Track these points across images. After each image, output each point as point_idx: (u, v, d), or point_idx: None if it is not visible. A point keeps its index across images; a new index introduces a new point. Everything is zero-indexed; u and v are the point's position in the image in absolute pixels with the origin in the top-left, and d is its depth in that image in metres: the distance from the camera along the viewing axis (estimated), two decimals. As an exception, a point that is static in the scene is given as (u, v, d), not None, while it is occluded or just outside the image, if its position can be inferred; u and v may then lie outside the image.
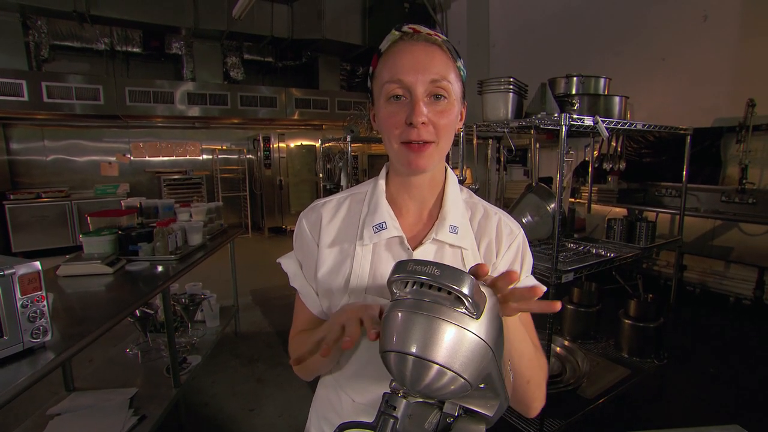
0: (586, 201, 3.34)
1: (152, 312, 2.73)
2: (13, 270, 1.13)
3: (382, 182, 0.75)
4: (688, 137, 2.18)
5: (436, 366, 0.40)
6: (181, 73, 6.58)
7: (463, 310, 0.41)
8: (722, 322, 3.43)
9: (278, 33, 6.40)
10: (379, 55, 0.68)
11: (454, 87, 0.65)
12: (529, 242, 1.96)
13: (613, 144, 2.67)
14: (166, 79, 6.27)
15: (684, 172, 2.18)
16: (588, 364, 1.98)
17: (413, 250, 0.70)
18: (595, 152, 3.16)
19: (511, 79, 1.82)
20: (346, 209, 0.75)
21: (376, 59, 0.68)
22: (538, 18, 5.22)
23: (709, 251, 3.62)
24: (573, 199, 4.08)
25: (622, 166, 2.41)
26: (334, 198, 0.77)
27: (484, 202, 0.78)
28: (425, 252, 0.70)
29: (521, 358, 0.60)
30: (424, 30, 0.65)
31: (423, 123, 0.62)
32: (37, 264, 1.22)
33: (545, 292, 0.78)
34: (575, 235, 2.26)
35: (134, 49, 6.22)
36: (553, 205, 1.83)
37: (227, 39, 6.60)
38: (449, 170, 0.76)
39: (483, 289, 0.43)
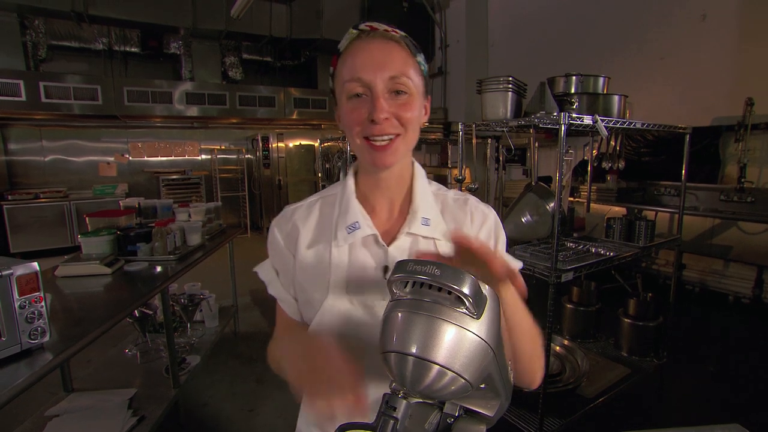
0: (585, 200, 3.34)
1: (151, 312, 2.72)
2: (11, 271, 1.13)
3: (351, 182, 0.75)
4: (687, 136, 2.18)
5: (437, 366, 0.39)
6: (179, 72, 6.56)
7: (464, 310, 0.40)
8: (722, 320, 3.44)
9: (277, 32, 6.38)
10: (338, 55, 0.68)
11: (415, 81, 0.65)
12: (528, 242, 1.95)
13: (612, 143, 2.67)
14: (165, 79, 6.25)
15: (683, 171, 2.18)
16: (588, 363, 1.99)
17: (388, 246, 0.70)
18: (594, 151, 3.16)
19: (510, 79, 1.81)
20: (318, 212, 0.76)
21: (336, 59, 0.68)
22: (537, 17, 5.22)
23: (708, 250, 3.62)
24: (572, 198, 4.08)
25: (621, 165, 2.41)
26: (305, 203, 0.78)
27: (453, 191, 0.80)
28: (400, 246, 0.71)
29: (523, 334, 0.61)
30: (381, 27, 0.66)
31: (386, 118, 0.63)
32: (35, 265, 1.21)
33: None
34: (574, 234, 2.26)
35: (132, 49, 6.20)
36: (552, 205, 1.83)
37: (226, 38, 6.58)
38: (416, 164, 0.77)
39: (483, 289, 0.43)
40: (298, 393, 0.72)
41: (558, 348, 2.15)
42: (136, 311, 2.60)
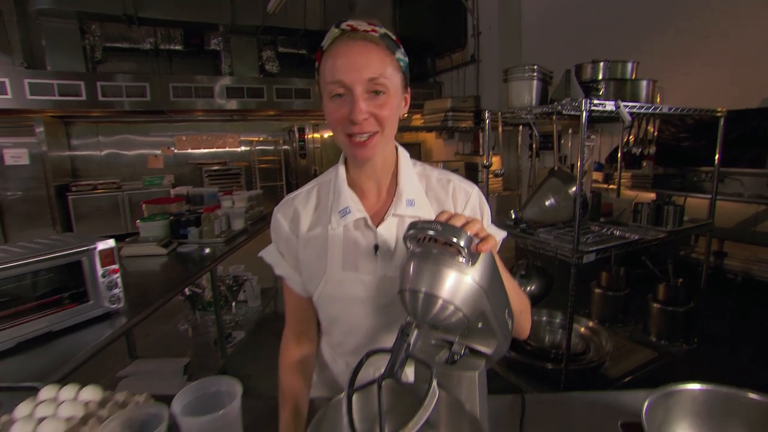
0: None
1: (200, 291, 2.98)
2: (95, 245, 1.34)
3: (342, 169, 0.82)
4: (722, 119, 2.14)
5: (441, 300, 0.52)
6: (219, 68, 6.87)
7: (462, 260, 0.52)
8: (764, 310, 3.32)
9: (311, 26, 6.55)
10: (322, 51, 0.73)
11: (393, 81, 0.71)
12: (553, 225, 2.02)
13: (649, 128, 2.64)
14: (206, 75, 6.55)
15: (716, 156, 2.15)
16: (612, 345, 2.03)
17: (376, 227, 0.78)
18: (631, 137, 3.12)
19: (535, 67, 1.86)
20: (316, 198, 0.84)
21: (320, 55, 0.74)
22: (572, 1, 5.09)
23: (752, 237, 3.49)
24: (605, 185, 4.03)
25: (652, 150, 2.39)
26: (303, 190, 0.86)
27: (438, 171, 0.86)
28: (387, 227, 0.79)
29: (512, 293, 0.70)
30: (362, 27, 0.70)
31: (365, 119, 0.69)
32: (112, 242, 1.43)
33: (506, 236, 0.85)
34: (601, 219, 2.29)
35: (176, 47, 6.53)
36: (574, 189, 1.87)
37: (262, 33, 6.81)
38: (400, 148, 0.84)
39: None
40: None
41: (583, 329, 2.20)
42: (187, 290, 2.86)
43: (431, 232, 0.52)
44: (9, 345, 1.16)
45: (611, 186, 4.00)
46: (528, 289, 2.13)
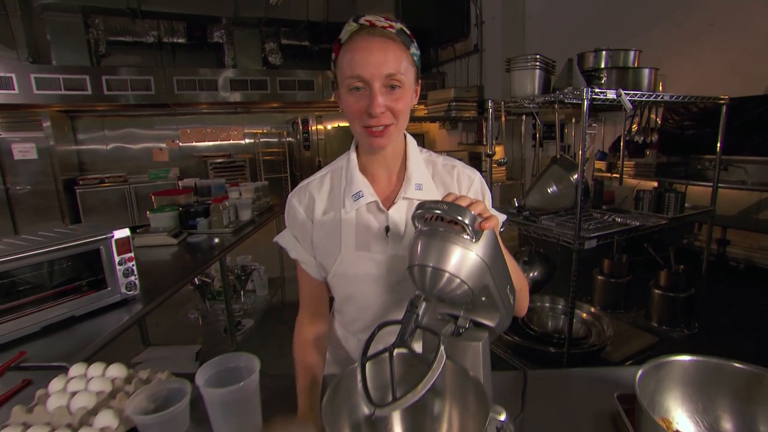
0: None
1: (210, 281, 3.04)
2: (111, 234, 1.39)
3: (353, 155, 0.87)
4: (724, 107, 2.16)
5: (447, 274, 0.56)
6: (222, 60, 6.87)
7: (466, 236, 0.56)
8: (766, 296, 3.35)
9: (314, 17, 6.53)
10: (339, 44, 0.76)
11: (408, 75, 0.75)
12: (555, 212, 2.06)
13: (649, 116, 2.65)
14: (209, 68, 6.57)
15: (718, 143, 2.17)
16: (613, 330, 2.07)
17: (387, 210, 0.83)
18: (634, 126, 3.13)
19: (538, 56, 1.88)
20: (329, 184, 0.88)
21: (337, 47, 0.76)
22: (577, -13, 5.05)
23: (755, 225, 3.50)
24: (609, 174, 4.04)
25: (654, 138, 2.41)
26: (317, 176, 0.90)
27: (443, 157, 0.91)
28: (398, 209, 0.84)
29: (513, 273, 0.73)
30: (380, 23, 0.73)
31: (382, 112, 0.73)
32: (127, 230, 1.47)
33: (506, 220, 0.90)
34: (604, 207, 2.31)
35: (179, 40, 6.53)
36: (575, 176, 1.90)
37: (265, 25, 6.79)
38: (408, 136, 0.88)
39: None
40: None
41: (585, 315, 2.24)
42: (196, 279, 2.93)
43: (438, 211, 0.56)
44: (35, 329, 1.22)
45: (614, 174, 4.01)
46: (531, 275, 2.17)
